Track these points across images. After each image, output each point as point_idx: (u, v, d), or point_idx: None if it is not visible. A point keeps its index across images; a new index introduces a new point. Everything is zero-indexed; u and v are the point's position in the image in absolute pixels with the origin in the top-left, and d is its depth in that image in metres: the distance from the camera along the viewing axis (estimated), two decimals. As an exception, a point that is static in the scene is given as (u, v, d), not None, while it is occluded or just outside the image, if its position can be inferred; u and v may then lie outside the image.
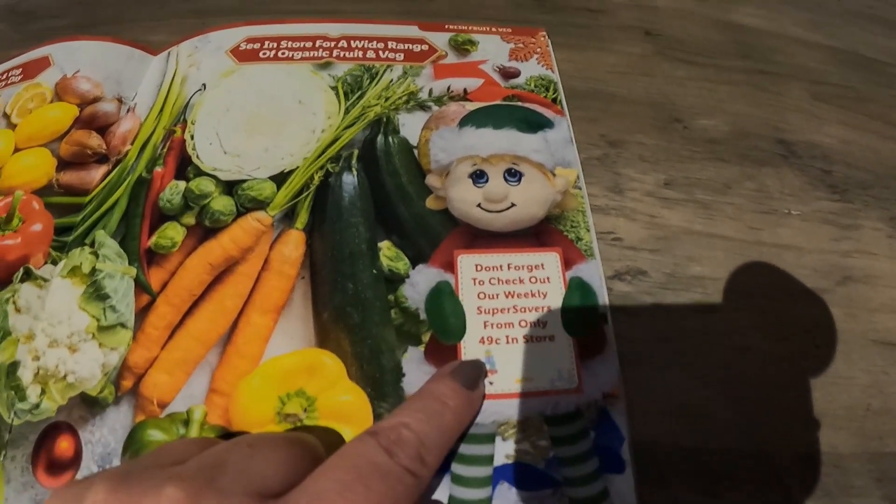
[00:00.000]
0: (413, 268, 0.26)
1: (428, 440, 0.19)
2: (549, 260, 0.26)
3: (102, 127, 0.34)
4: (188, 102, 0.34)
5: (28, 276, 0.29)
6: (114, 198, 0.31)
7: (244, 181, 0.30)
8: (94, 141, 0.34)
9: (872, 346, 0.27)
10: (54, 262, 0.29)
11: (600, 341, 0.25)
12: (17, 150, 0.34)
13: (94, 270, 0.28)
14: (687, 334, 0.26)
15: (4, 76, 0.41)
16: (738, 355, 0.26)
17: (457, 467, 0.22)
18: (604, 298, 0.26)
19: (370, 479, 0.17)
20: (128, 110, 0.35)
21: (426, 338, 0.25)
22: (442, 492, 0.22)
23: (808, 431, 0.24)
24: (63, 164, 0.33)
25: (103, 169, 0.32)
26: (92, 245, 0.29)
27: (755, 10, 0.40)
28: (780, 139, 0.33)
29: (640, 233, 0.29)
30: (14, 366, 0.26)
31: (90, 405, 0.25)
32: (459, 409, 0.21)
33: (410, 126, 0.32)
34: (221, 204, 0.29)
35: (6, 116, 0.37)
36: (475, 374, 0.22)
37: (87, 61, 0.38)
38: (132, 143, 0.33)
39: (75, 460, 0.24)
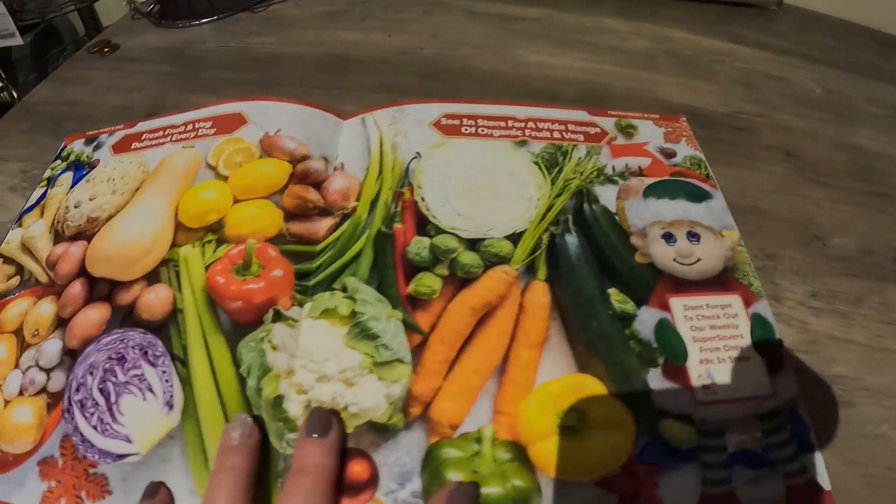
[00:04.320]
0: (638, 308, 0.32)
1: None
2: (734, 301, 0.33)
3: (315, 183, 0.38)
4: (407, 167, 0.38)
5: (279, 317, 0.31)
6: (355, 248, 0.34)
7: (483, 239, 0.34)
8: (313, 195, 0.37)
9: None
10: (300, 305, 0.31)
11: (781, 360, 0.31)
12: (235, 201, 0.36)
13: (354, 313, 0.30)
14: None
15: (192, 127, 0.43)
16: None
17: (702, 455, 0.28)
18: (778, 330, 0.32)
19: None
20: (334, 169, 0.39)
21: (661, 360, 0.30)
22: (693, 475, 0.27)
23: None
24: (288, 216, 0.36)
25: (328, 221, 0.36)
26: (343, 290, 0.32)
27: (872, 133, 0.46)
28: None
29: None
30: (279, 399, 0.28)
31: (380, 432, 0.28)
32: (317, 463, 0.25)
33: (605, 196, 0.37)
34: (469, 258, 0.33)
35: (211, 168, 0.39)
36: (324, 419, 0.27)
37: (284, 121, 0.41)
38: (357, 200, 0.37)
39: (372, 482, 0.27)
